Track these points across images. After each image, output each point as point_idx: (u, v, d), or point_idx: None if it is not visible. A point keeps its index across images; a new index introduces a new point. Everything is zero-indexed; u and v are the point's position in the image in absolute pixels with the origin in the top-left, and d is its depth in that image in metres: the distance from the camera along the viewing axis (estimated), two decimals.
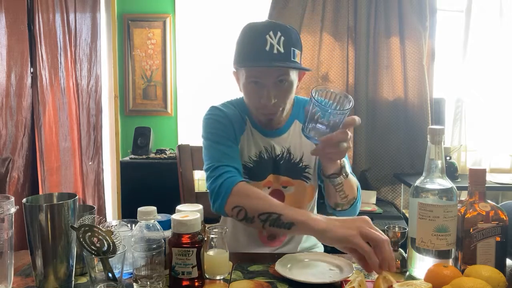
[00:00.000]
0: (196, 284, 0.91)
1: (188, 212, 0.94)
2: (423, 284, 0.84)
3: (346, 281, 0.93)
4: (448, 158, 2.58)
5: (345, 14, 2.84)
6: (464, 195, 1.04)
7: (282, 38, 1.15)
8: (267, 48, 1.14)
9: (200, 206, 1.00)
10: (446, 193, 0.94)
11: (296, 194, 1.33)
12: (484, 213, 0.93)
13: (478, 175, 0.96)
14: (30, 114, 2.33)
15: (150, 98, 3.28)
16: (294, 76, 1.23)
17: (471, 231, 0.93)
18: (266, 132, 1.32)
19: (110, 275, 0.85)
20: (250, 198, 1.11)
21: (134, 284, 0.91)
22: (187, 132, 3.23)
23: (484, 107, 2.93)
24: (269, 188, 1.32)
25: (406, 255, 1.01)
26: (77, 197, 0.94)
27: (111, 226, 0.87)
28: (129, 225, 1.02)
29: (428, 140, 0.95)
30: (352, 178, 1.24)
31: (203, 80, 3.21)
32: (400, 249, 1.02)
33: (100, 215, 2.09)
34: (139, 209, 0.92)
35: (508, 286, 0.87)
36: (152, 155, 3.03)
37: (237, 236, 1.35)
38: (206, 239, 0.97)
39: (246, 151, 1.31)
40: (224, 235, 1.00)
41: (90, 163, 2.88)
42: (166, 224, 0.95)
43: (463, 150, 2.89)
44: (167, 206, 1.07)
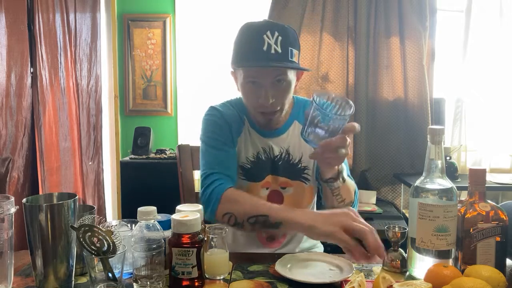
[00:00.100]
0: (196, 284, 0.91)
1: (188, 212, 0.94)
2: (423, 284, 0.84)
3: (346, 281, 0.93)
4: (448, 158, 2.58)
5: (345, 14, 2.83)
6: (464, 195, 1.04)
7: (280, 38, 1.15)
8: (264, 48, 1.14)
9: (200, 206, 1.00)
10: (446, 193, 0.94)
11: (295, 195, 1.32)
12: (484, 213, 0.93)
13: (478, 175, 0.96)
14: (30, 114, 2.33)
15: (150, 98, 3.28)
16: (292, 76, 1.23)
17: (471, 231, 0.93)
18: (264, 132, 1.32)
19: (110, 275, 0.85)
20: (239, 203, 1.12)
21: (134, 284, 0.91)
22: (187, 132, 3.23)
23: (484, 107, 2.93)
24: (267, 189, 1.32)
25: (406, 255, 1.01)
26: (77, 197, 0.94)
27: (111, 226, 0.87)
28: (129, 225, 1.02)
29: (428, 140, 0.95)
30: (350, 182, 1.23)
31: (203, 80, 3.20)
32: (400, 249, 1.02)
33: (100, 215, 2.08)
34: (139, 209, 0.92)
35: (508, 286, 0.87)
36: (152, 155, 3.03)
37: (236, 238, 1.35)
38: (206, 239, 0.97)
39: (243, 152, 1.31)
40: (224, 235, 1.00)
41: (90, 163, 2.88)
42: (166, 224, 0.95)
43: (463, 150, 2.89)
44: (167, 206, 1.06)
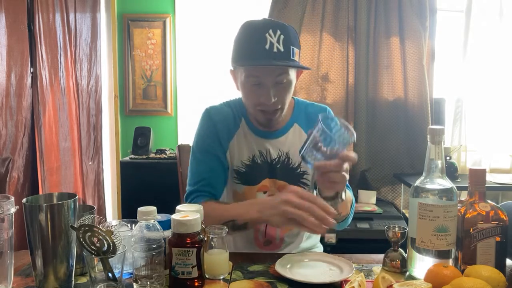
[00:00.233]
0: (196, 284, 0.91)
1: (188, 212, 0.94)
2: (423, 284, 0.84)
3: (346, 281, 0.93)
4: (448, 158, 2.58)
5: (345, 14, 2.83)
6: (464, 195, 1.04)
7: (282, 36, 1.15)
8: (267, 47, 1.13)
9: (200, 206, 1.00)
10: (446, 193, 0.94)
11: None
12: (484, 213, 0.93)
13: (478, 175, 0.96)
14: (30, 114, 2.33)
15: (150, 98, 3.28)
16: (293, 74, 1.23)
17: (471, 231, 0.93)
18: (262, 133, 1.30)
19: (110, 275, 0.85)
20: (209, 216, 1.09)
21: (134, 284, 0.91)
22: (187, 132, 3.22)
23: (484, 107, 2.93)
24: (265, 193, 1.30)
25: (406, 255, 1.01)
26: (77, 197, 0.94)
27: (111, 226, 0.87)
28: (129, 225, 1.02)
29: (428, 140, 0.95)
30: (348, 197, 1.20)
31: (203, 80, 3.20)
32: (400, 249, 1.02)
33: (100, 215, 2.09)
34: (139, 209, 0.92)
35: (508, 286, 0.87)
36: (152, 155, 3.03)
37: (235, 243, 1.34)
38: (206, 239, 0.97)
39: (237, 156, 1.29)
40: (224, 235, 1.00)
41: (90, 163, 2.88)
42: (166, 224, 0.95)
43: (463, 150, 2.89)
44: (167, 206, 1.06)
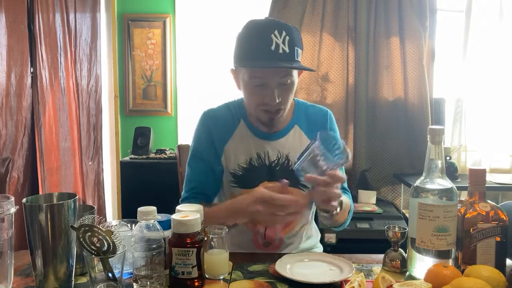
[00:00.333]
0: (196, 284, 0.91)
1: (188, 212, 0.94)
2: (423, 284, 0.84)
3: (346, 281, 0.93)
4: (448, 158, 2.58)
5: (345, 14, 2.83)
6: (464, 195, 1.04)
7: (287, 37, 1.14)
8: (272, 48, 1.13)
9: (200, 206, 1.00)
10: (446, 193, 0.94)
11: None
12: (484, 213, 0.93)
13: (478, 175, 0.96)
14: (30, 114, 2.33)
15: (150, 98, 3.28)
16: (296, 75, 1.23)
17: (471, 231, 0.93)
18: (263, 134, 1.29)
19: (110, 275, 0.85)
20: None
21: (134, 284, 0.91)
22: (187, 132, 3.22)
23: (484, 107, 2.93)
24: None
25: (406, 255, 1.01)
26: (77, 197, 0.94)
27: (111, 226, 0.87)
28: (129, 225, 1.02)
29: (428, 140, 0.95)
30: (345, 203, 1.20)
31: (203, 80, 3.21)
32: (400, 249, 1.02)
33: (100, 215, 2.09)
34: (139, 209, 0.92)
35: (508, 286, 0.87)
36: (152, 155, 3.03)
37: (234, 242, 1.33)
38: (206, 239, 0.97)
39: (233, 159, 1.29)
40: (224, 235, 1.00)
41: (90, 163, 2.88)
42: (166, 224, 0.95)
43: (463, 150, 2.89)
44: (167, 206, 1.07)
